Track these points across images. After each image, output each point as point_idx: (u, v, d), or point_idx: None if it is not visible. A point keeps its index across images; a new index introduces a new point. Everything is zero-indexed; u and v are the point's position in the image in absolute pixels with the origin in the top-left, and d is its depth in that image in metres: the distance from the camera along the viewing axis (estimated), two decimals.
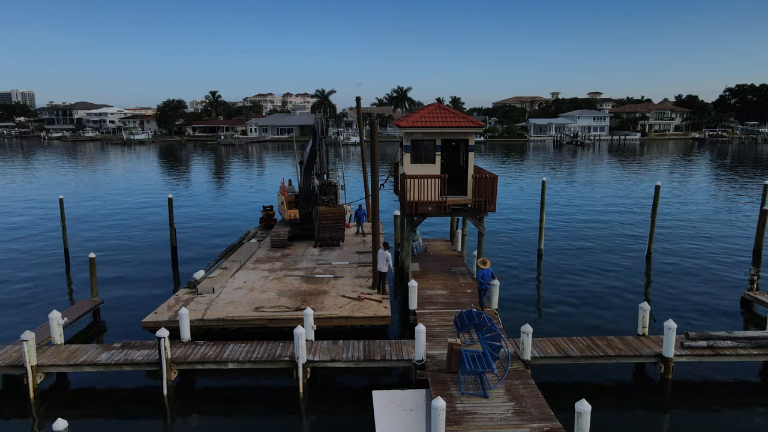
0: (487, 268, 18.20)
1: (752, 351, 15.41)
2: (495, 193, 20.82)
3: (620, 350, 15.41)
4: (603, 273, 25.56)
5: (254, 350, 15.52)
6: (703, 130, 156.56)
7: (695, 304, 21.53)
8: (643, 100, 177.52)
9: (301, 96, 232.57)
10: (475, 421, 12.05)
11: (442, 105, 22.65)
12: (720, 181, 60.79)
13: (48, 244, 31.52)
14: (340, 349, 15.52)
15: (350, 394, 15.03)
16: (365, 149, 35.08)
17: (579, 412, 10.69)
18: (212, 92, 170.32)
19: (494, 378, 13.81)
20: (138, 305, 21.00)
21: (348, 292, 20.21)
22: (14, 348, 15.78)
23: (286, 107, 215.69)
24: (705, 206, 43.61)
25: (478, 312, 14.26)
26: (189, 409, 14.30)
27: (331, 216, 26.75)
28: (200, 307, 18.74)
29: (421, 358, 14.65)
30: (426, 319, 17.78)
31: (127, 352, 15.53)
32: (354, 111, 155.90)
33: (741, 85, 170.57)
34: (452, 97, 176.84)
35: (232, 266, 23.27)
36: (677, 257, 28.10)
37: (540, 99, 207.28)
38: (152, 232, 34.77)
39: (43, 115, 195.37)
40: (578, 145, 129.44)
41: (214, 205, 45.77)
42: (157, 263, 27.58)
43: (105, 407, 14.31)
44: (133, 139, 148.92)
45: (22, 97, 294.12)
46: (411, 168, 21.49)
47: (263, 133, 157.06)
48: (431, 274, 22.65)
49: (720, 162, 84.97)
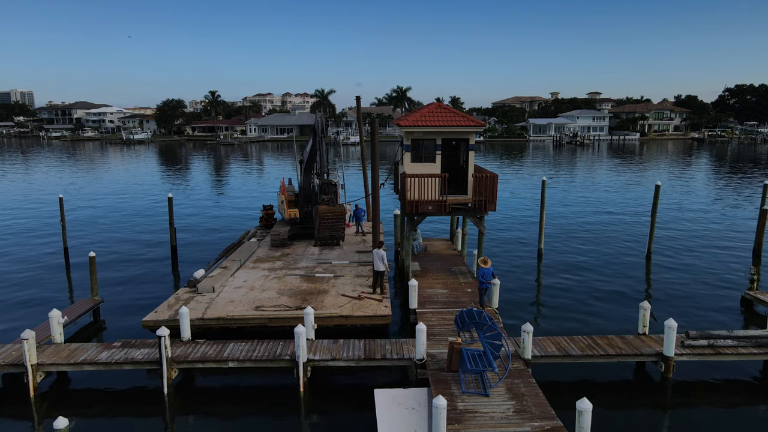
0: (487, 267, 18.19)
1: (753, 350, 15.42)
2: (495, 192, 20.81)
3: (621, 349, 15.41)
4: (603, 272, 25.56)
5: (254, 349, 15.51)
6: (703, 130, 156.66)
7: (696, 303, 21.53)
8: (643, 100, 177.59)
9: (301, 96, 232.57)
10: (476, 420, 12.04)
11: (443, 104, 22.63)
12: (719, 181, 60.83)
13: (48, 243, 31.49)
14: (341, 348, 15.51)
15: (351, 393, 15.02)
16: (365, 149, 35.09)
17: (580, 411, 10.68)
18: (212, 92, 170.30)
19: (495, 377, 13.80)
20: (138, 304, 20.98)
21: (348, 291, 20.20)
22: (14, 347, 15.76)
23: (286, 107, 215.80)
24: (705, 206, 43.63)
25: (479, 311, 14.26)
26: (189, 408, 14.29)
27: (331, 215, 26.74)
28: (200, 306, 18.73)
29: (421, 357, 14.65)
30: (426, 318, 17.77)
31: (127, 351, 15.51)
32: (353, 111, 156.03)
33: (740, 85, 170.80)
34: (452, 96, 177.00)
35: (232, 265, 23.26)
36: (677, 256, 28.11)
37: (539, 99, 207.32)
38: (152, 231, 34.74)
39: (43, 114, 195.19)
40: (578, 145, 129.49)
41: (213, 205, 45.75)
42: (157, 262, 27.55)
43: (105, 406, 14.29)
44: (133, 138, 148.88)
45: (21, 96, 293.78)
46: (411, 167, 21.48)
47: (263, 133, 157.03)
48: (431, 273, 22.64)
49: (719, 162, 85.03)
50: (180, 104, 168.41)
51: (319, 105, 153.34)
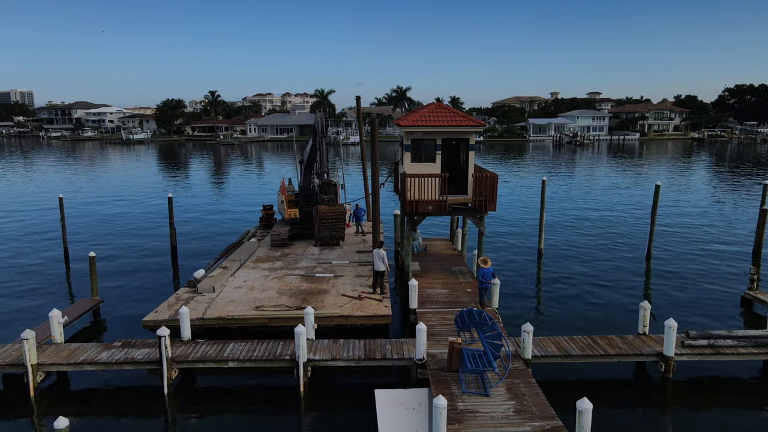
0: (487, 267, 18.19)
1: (753, 350, 15.42)
2: (495, 192, 20.82)
3: (621, 349, 15.41)
4: (603, 272, 25.56)
5: (255, 349, 15.51)
6: (702, 130, 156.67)
7: (696, 303, 21.54)
8: (643, 100, 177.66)
9: (301, 96, 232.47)
10: (476, 420, 12.05)
11: (443, 104, 22.63)
12: (719, 180, 60.85)
13: (48, 242, 31.49)
14: (341, 348, 15.51)
15: (351, 392, 15.03)
16: (365, 149, 35.09)
17: (580, 411, 10.68)
18: (211, 92, 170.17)
19: (495, 377, 13.81)
20: (138, 304, 20.99)
21: (348, 291, 20.20)
22: (14, 347, 15.76)
23: (286, 107, 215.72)
24: (705, 206, 43.63)
25: (479, 311, 14.26)
26: (189, 407, 14.29)
27: (331, 215, 26.74)
28: (200, 306, 18.73)
29: (421, 357, 14.65)
30: (426, 318, 17.78)
31: (127, 351, 15.51)
32: (353, 111, 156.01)
33: (740, 85, 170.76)
34: (452, 96, 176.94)
35: (233, 265, 23.25)
36: (677, 256, 28.12)
37: (539, 99, 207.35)
38: (152, 231, 34.73)
39: (42, 114, 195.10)
40: (577, 145, 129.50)
41: (213, 205, 45.75)
42: (157, 262, 27.55)
43: (105, 406, 14.29)
44: (133, 138, 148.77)
45: (21, 96, 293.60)
46: (411, 167, 21.48)
47: (262, 133, 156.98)
48: (431, 273, 22.64)
49: (719, 162, 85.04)
50: (180, 104, 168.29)
51: (319, 105, 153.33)
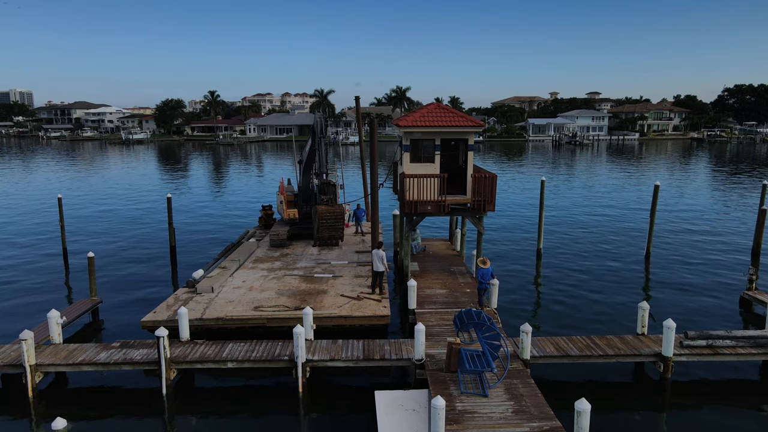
0: (486, 268, 18.19)
1: (751, 350, 15.43)
2: (494, 192, 20.81)
3: (620, 349, 15.41)
4: (602, 272, 25.57)
5: (253, 349, 15.50)
6: (702, 130, 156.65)
7: (694, 303, 21.54)
8: (642, 100, 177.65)
9: (300, 96, 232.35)
10: (474, 420, 12.04)
11: (442, 104, 22.62)
12: (718, 180, 60.88)
13: (46, 243, 31.47)
14: (340, 349, 15.51)
15: (349, 393, 15.03)
16: (364, 149, 35.06)
17: (579, 411, 10.67)
18: (211, 92, 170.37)
19: (494, 377, 13.80)
20: (137, 305, 20.98)
21: (347, 292, 20.20)
22: (13, 347, 15.74)
23: (285, 107, 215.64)
24: (704, 206, 43.66)
25: (478, 311, 14.26)
26: (188, 408, 14.28)
27: (330, 215, 26.73)
28: (199, 306, 18.72)
29: (420, 358, 14.64)
30: (425, 318, 17.77)
31: (126, 352, 15.50)
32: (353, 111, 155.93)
33: (739, 85, 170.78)
34: (451, 96, 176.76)
35: (231, 265, 23.24)
36: (676, 257, 28.12)
37: (539, 99, 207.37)
38: (151, 231, 34.72)
39: (42, 114, 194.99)
40: (577, 145, 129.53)
41: (212, 205, 45.72)
42: (156, 262, 27.53)
43: (104, 406, 14.27)
44: (132, 138, 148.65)
45: (20, 96, 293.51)
46: (410, 167, 21.48)
47: (262, 133, 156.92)
48: (430, 273, 22.64)
49: (718, 162, 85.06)
50: (179, 104, 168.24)
51: (319, 105, 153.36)
